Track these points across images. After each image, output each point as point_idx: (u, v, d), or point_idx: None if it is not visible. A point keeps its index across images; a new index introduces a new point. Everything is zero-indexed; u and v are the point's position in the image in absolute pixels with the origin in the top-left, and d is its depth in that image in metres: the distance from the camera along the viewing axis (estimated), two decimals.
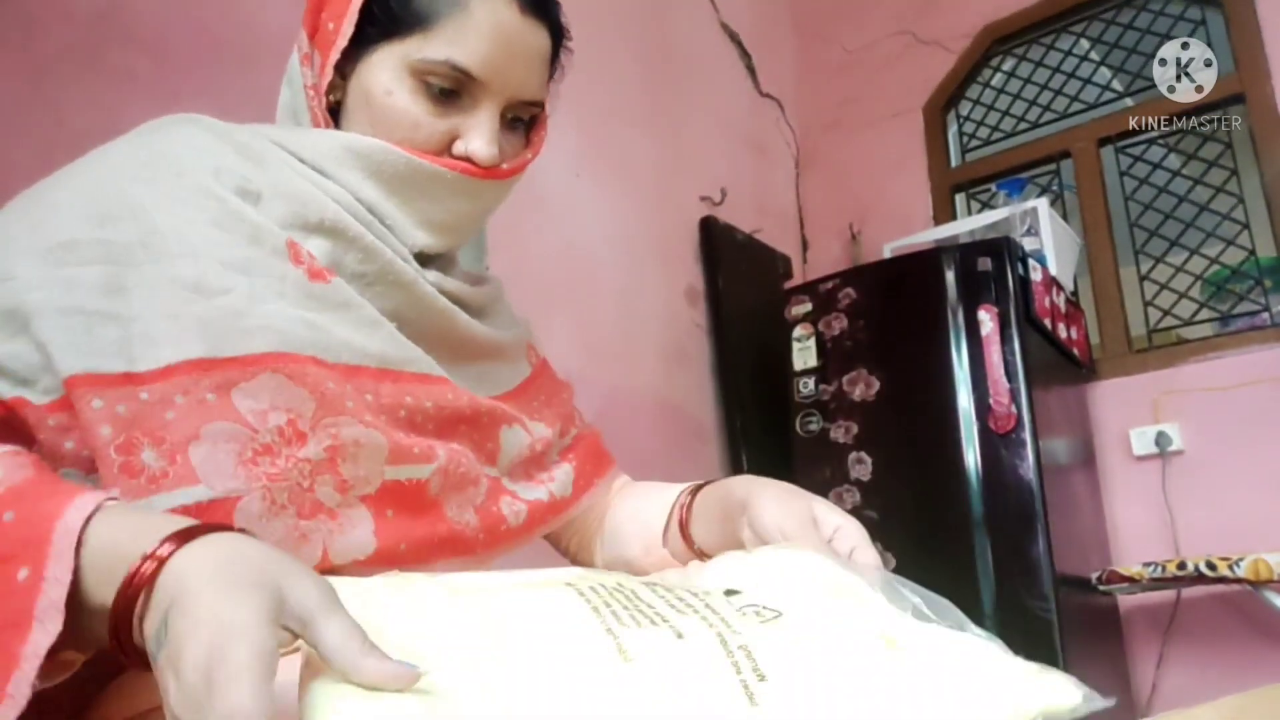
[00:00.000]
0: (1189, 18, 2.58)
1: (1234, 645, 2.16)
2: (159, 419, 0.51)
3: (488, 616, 0.42)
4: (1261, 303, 2.40)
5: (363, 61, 0.65)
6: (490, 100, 0.65)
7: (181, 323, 0.53)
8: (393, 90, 0.64)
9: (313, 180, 0.63)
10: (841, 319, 2.22)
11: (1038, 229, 2.41)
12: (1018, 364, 1.98)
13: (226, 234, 0.57)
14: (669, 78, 2.53)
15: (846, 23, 3.19)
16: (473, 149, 0.64)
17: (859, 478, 2.10)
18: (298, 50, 0.70)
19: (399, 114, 0.64)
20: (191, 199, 0.57)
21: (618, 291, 2.20)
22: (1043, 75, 2.82)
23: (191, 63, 1.35)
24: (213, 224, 0.57)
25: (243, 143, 0.62)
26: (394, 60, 0.63)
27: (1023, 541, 1.90)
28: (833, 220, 3.05)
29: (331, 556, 0.55)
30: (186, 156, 0.60)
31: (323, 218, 0.61)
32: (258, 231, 0.58)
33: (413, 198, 0.65)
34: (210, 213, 0.57)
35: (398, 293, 0.64)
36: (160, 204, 0.56)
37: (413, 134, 0.64)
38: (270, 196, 0.60)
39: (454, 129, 0.65)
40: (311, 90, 0.68)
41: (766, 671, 0.39)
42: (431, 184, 0.65)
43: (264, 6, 1.46)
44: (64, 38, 1.21)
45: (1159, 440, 2.30)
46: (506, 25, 0.64)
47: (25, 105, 1.15)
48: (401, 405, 0.61)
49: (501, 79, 0.64)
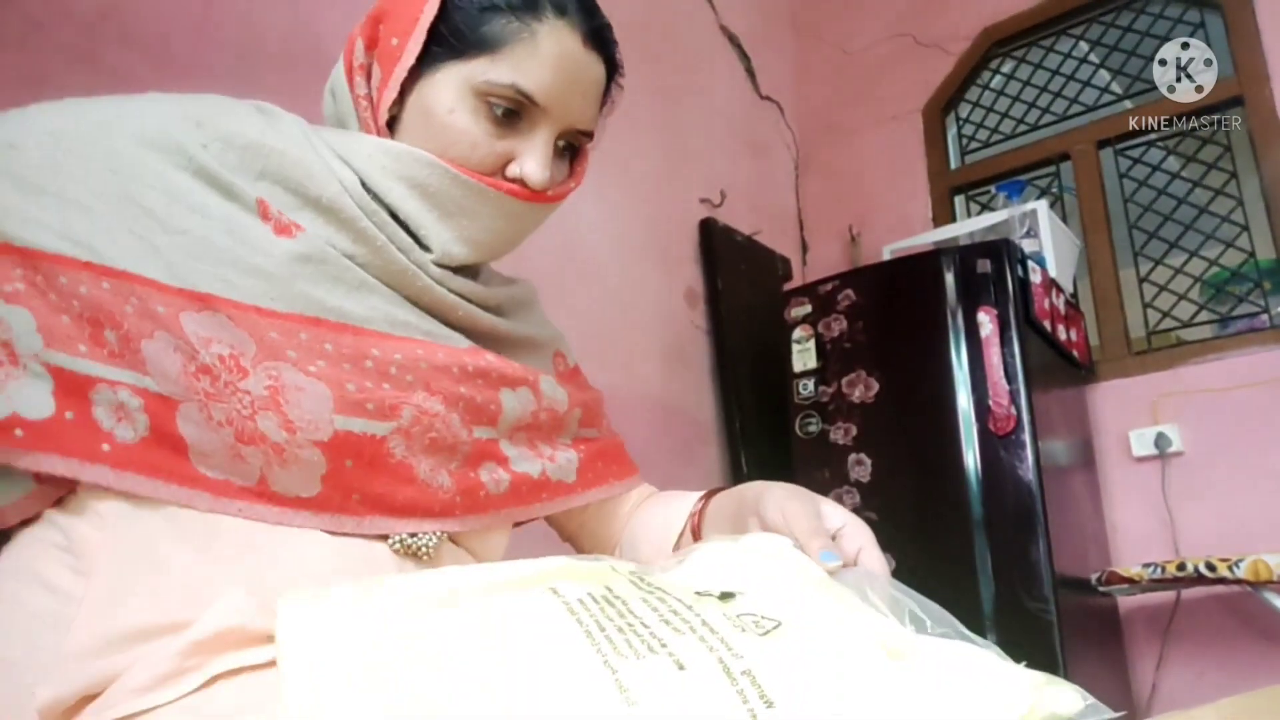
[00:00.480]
0: (1188, 20, 2.58)
1: (1234, 646, 2.16)
2: (119, 308, 0.54)
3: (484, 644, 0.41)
4: (1261, 305, 2.40)
5: (425, 79, 0.66)
6: (547, 126, 0.67)
7: (142, 244, 0.56)
8: (455, 109, 0.65)
9: (325, 159, 0.64)
10: (841, 320, 2.22)
11: (1037, 231, 2.41)
12: (1017, 366, 1.98)
13: (196, 182, 0.59)
14: (669, 80, 2.54)
15: (846, 25, 3.19)
16: (527, 171, 0.66)
17: (858, 479, 2.10)
18: (346, 60, 0.70)
19: (459, 132, 0.65)
20: (165, 148, 0.60)
21: (618, 292, 2.20)
22: (1042, 77, 2.83)
23: (191, 64, 1.35)
24: (183, 170, 0.59)
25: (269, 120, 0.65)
26: (458, 80, 0.65)
27: (1022, 543, 1.90)
28: (832, 222, 3.05)
29: (271, 484, 0.57)
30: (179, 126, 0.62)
31: (322, 194, 0.62)
32: (231, 187, 0.60)
33: (454, 213, 0.66)
34: (182, 163, 0.59)
35: (392, 279, 0.65)
36: (131, 147, 0.59)
37: (470, 153, 0.65)
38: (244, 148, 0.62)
39: (510, 151, 0.67)
40: (366, 101, 0.68)
41: (773, 697, 0.38)
42: (477, 201, 0.66)
43: (263, 8, 1.46)
44: (64, 38, 1.21)
45: (1158, 442, 2.30)
46: (570, 56, 0.66)
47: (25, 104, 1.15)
48: (367, 356, 0.61)
49: (562, 107, 0.66)
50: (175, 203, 0.58)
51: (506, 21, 0.64)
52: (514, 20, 0.64)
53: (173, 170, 0.59)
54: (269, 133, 0.63)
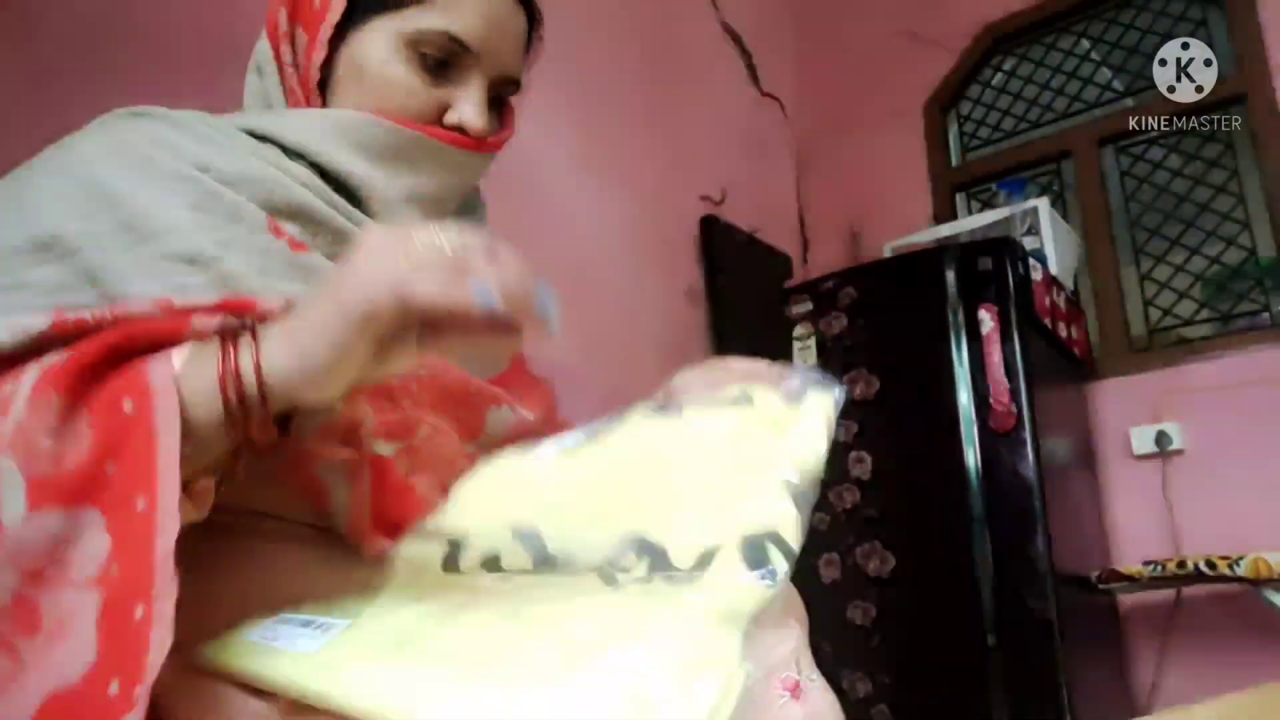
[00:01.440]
0: (1190, 17, 2.58)
1: (1233, 644, 2.16)
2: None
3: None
4: (1262, 302, 2.40)
5: (353, 36, 0.66)
6: (479, 73, 0.67)
7: (189, 293, 0.54)
8: (388, 60, 0.65)
9: (278, 164, 0.63)
10: (841, 318, 2.22)
11: (1038, 228, 2.41)
12: (1018, 363, 1.98)
13: (207, 215, 0.58)
14: (669, 77, 2.53)
15: (847, 22, 3.19)
16: (465, 118, 0.67)
17: (859, 476, 2.10)
18: (270, 33, 0.70)
19: (395, 83, 0.65)
20: (167, 184, 0.58)
21: (618, 291, 2.20)
22: (1043, 75, 2.82)
23: (192, 62, 1.35)
24: (192, 207, 0.57)
25: (203, 133, 0.62)
26: (389, 32, 0.65)
27: (1022, 540, 1.90)
28: (833, 220, 3.04)
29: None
30: (153, 145, 0.60)
31: (289, 200, 0.62)
32: (238, 209, 0.59)
33: (401, 170, 0.66)
34: (188, 196, 0.58)
35: None
36: (138, 189, 0.57)
37: (407, 101, 0.66)
38: (237, 183, 0.61)
39: (445, 99, 0.67)
40: (292, 69, 0.69)
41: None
42: (421, 154, 0.66)
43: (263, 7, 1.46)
44: (65, 36, 1.21)
45: (1159, 439, 2.30)
46: (496, 3, 0.67)
47: (25, 103, 1.15)
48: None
49: (493, 53, 0.67)
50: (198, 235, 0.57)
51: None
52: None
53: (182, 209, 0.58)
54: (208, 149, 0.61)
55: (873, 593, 2.01)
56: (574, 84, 2.10)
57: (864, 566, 2.04)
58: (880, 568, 2.02)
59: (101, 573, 0.43)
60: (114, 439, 0.45)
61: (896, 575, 2.00)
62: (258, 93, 0.72)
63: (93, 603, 0.43)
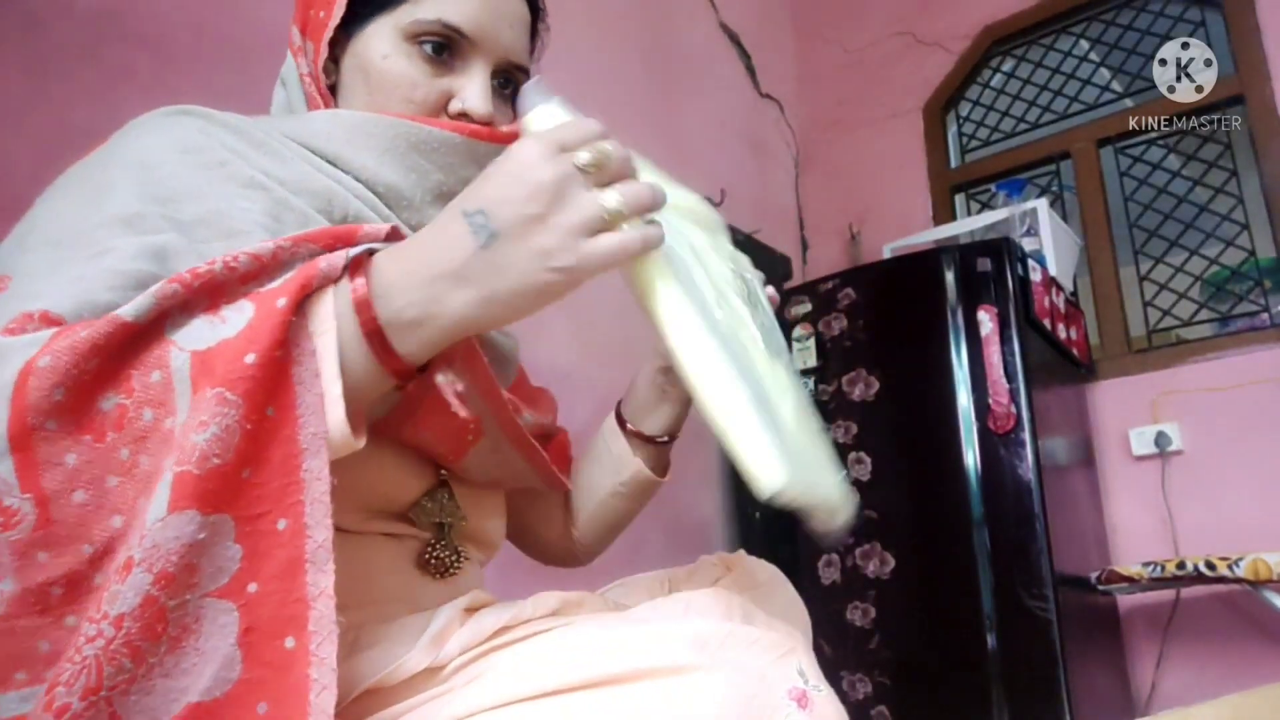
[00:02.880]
0: (1189, 19, 2.58)
1: (1233, 645, 2.16)
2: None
3: None
4: (1261, 303, 2.40)
5: (356, 38, 0.67)
6: (481, 59, 0.68)
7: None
8: (389, 54, 0.66)
9: (331, 175, 0.63)
10: (841, 319, 2.22)
11: (1037, 229, 2.41)
12: (1017, 364, 1.98)
13: (280, 224, 0.58)
14: (669, 78, 2.53)
15: (846, 23, 3.19)
16: (469, 105, 0.67)
17: (858, 478, 2.10)
18: (291, 48, 0.72)
19: (397, 76, 0.66)
20: (240, 190, 0.57)
21: (617, 291, 2.19)
22: (1042, 76, 2.83)
23: (191, 60, 1.35)
24: (266, 213, 0.57)
25: (259, 139, 0.62)
26: (388, 29, 0.66)
27: (1022, 541, 1.90)
28: (832, 220, 3.05)
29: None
30: (223, 148, 0.59)
31: (347, 212, 0.62)
32: (306, 220, 0.59)
33: (427, 170, 0.66)
34: (261, 202, 0.58)
35: None
36: (215, 189, 0.57)
37: (411, 93, 0.66)
38: (295, 190, 0.61)
39: (449, 88, 0.67)
40: (308, 78, 0.69)
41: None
42: (442, 151, 0.66)
43: (263, 4, 1.46)
44: (64, 34, 1.21)
45: (1158, 440, 2.30)
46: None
47: (26, 101, 1.15)
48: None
49: (492, 38, 0.67)
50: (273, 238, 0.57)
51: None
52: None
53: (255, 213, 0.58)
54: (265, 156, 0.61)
55: (872, 594, 2.01)
56: (573, 84, 2.09)
57: (863, 567, 2.04)
58: (880, 568, 2.02)
59: (235, 585, 0.43)
60: (256, 446, 0.45)
61: (896, 576, 2.00)
62: (283, 105, 0.73)
63: (230, 619, 0.43)
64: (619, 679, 0.46)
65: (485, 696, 0.48)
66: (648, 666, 0.46)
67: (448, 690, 0.50)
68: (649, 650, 0.47)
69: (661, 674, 0.46)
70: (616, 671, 0.46)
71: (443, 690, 0.50)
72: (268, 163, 0.61)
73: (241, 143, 0.61)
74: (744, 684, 0.45)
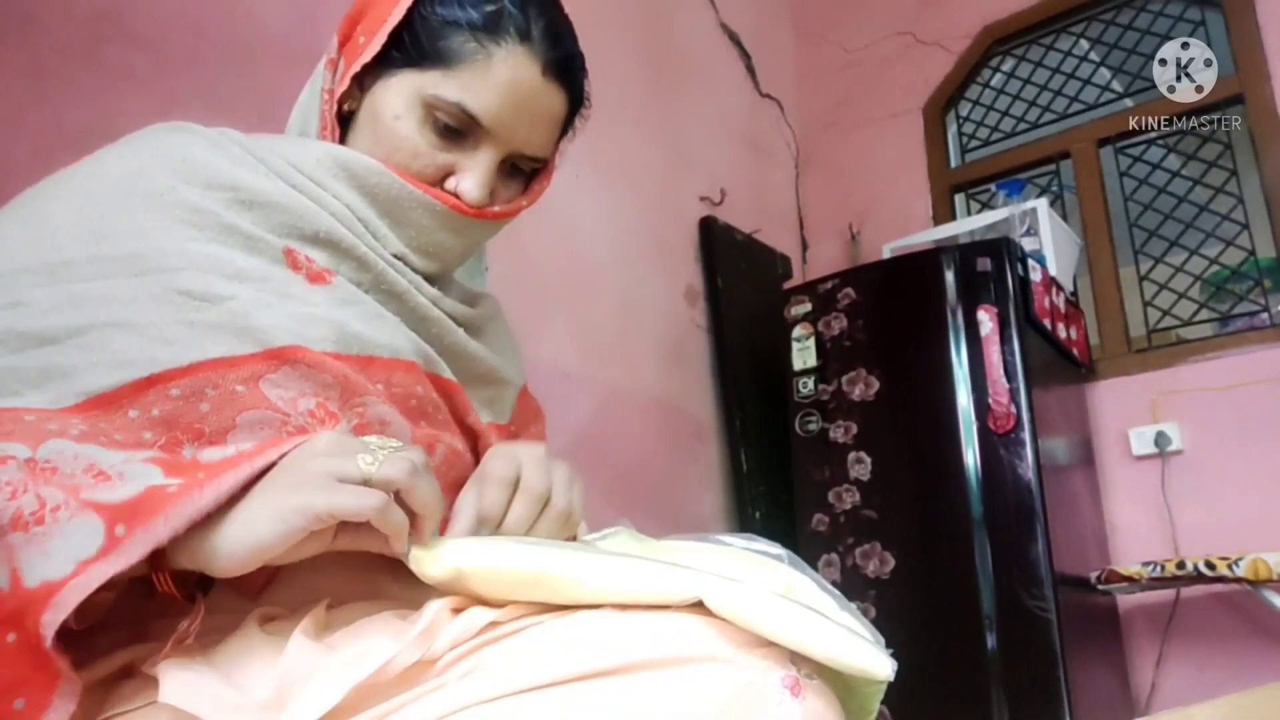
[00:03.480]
0: (1188, 18, 2.58)
1: (1233, 645, 2.16)
2: (195, 413, 0.53)
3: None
4: (1261, 303, 2.40)
5: (381, 81, 0.67)
6: (492, 147, 0.67)
7: (197, 328, 0.55)
8: (401, 116, 0.65)
9: (308, 191, 0.63)
10: (841, 319, 2.22)
11: (1037, 229, 2.41)
12: (1017, 364, 1.98)
13: (225, 249, 0.58)
14: (669, 78, 2.53)
15: (846, 23, 3.19)
16: (463, 189, 0.66)
17: (858, 477, 2.10)
18: (326, 55, 0.71)
19: (401, 140, 0.65)
20: (187, 216, 0.58)
21: (617, 291, 2.20)
22: (1042, 76, 2.83)
23: (189, 62, 1.35)
24: (211, 241, 0.58)
25: (235, 155, 0.62)
26: (409, 88, 0.65)
27: (1022, 541, 1.90)
28: (832, 220, 3.05)
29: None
30: (180, 168, 0.60)
31: (318, 229, 0.62)
32: (254, 242, 0.59)
33: (400, 221, 0.66)
34: (206, 230, 0.58)
35: (392, 302, 0.65)
36: (157, 222, 0.57)
37: (410, 161, 0.66)
38: (265, 205, 0.61)
39: (451, 164, 0.67)
40: (326, 94, 0.69)
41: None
42: (419, 212, 0.66)
43: (262, 6, 1.46)
44: (63, 36, 1.21)
45: (1158, 440, 2.30)
46: (524, 84, 0.66)
47: (24, 103, 1.15)
48: (412, 395, 0.63)
49: (507, 131, 0.66)
50: (211, 274, 0.57)
51: (465, 39, 0.64)
52: (472, 40, 0.64)
53: (198, 242, 0.58)
54: (240, 170, 0.62)
55: (872, 594, 2.01)
56: None
57: (863, 567, 2.04)
58: (880, 568, 2.02)
59: None
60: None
61: (896, 576, 2.00)
62: (303, 106, 0.73)
63: None
64: (612, 671, 0.46)
65: (479, 690, 0.48)
66: (641, 659, 0.46)
67: (441, 685, 0.50)
68: (642, 642, 0.47)
69: (655, 665, 0.46)
70: (610, 664, 0.46)
71: (436, 685, 0.50)
72: (237, 175, 0.61)
73: (216, 155, 0.61)
74: (736, 673, 0.45)
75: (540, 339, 1.88)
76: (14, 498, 0.45)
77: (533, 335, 0.80)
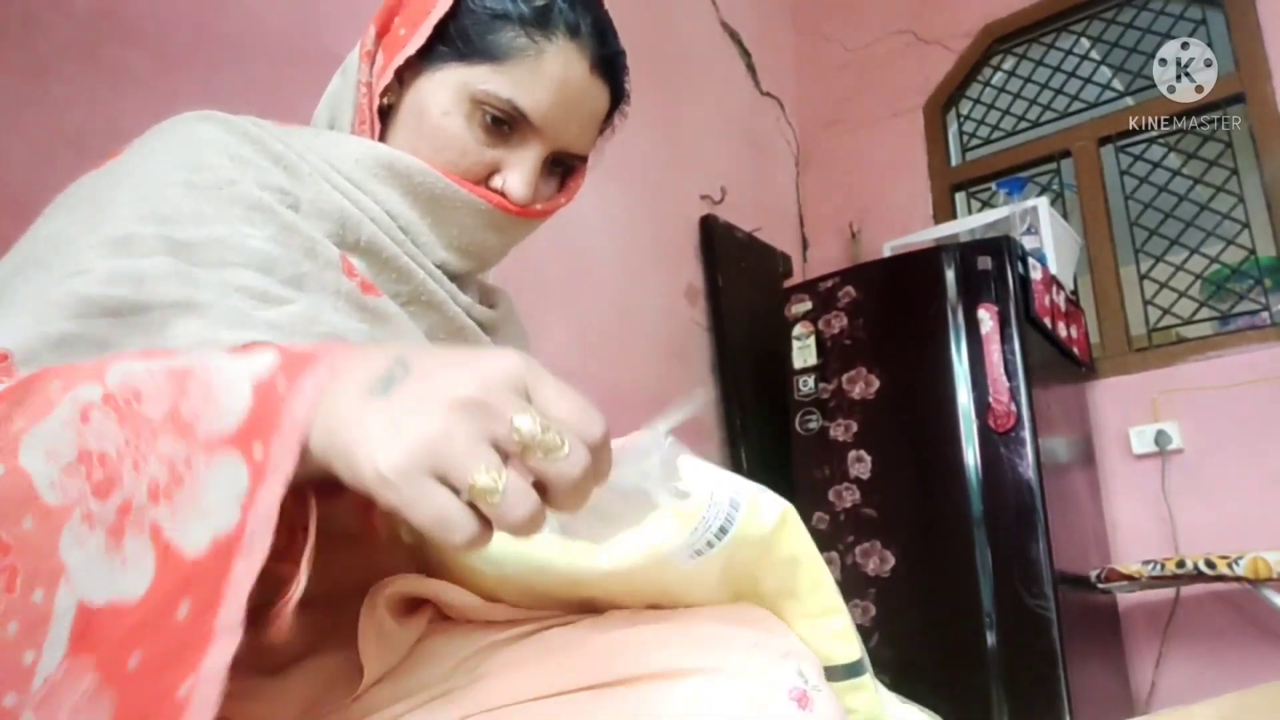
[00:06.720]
0: (1189, 17, 2.58)
1: (1233, 643, 2.16)
2: None
3: None
4: (1261, 302, 2.40)
5: (425, 75, 0.66)
6: (538, 144, 0.66)
7: (253, 323, 0.53)
8: (450, 111, 0.64)
9: (350, 196, 0.63)
10: (841, 317, 2.22)
11: (1038, 228, 2.41)
12: (1017, 363, 1.98)
13: (284, 249, 0.57)
14: (669, 76, 2.53)
15: (847, 21, 3.19)
16: (510, 185, 0.66)
17: (858, 476, 2.10)
18: (360, 45, 0.70)
19: (450, 136, 0.64)
20: (245, 214, 0.57)
21: (617, 290, 2.20)
22: (1043, 74, 2.82)
23: (190, 60, 1.35)
24: (270, 240, 0.57)
25: (278, 152, 0.61)
26: (457, 83, 0.64)
27: (1022, 540, 1.90)
28: (833, 219, 3.05)
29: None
30: (229, 165, 0.58)
31: (359, 237, 0.62)
32: (313, 245, 0.58)
33: (443, 220, 0.66)
34: (265, 229, 0.57)
35: (430, 313, 0.65)
36: (219, 213, 0.56)
37: (459, 159, 0.65)
38: (308, 211, 0.60)
39: (497, 161, 0.66)
40: (365, 87, 0.68)
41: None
42: (464, 211, 0.65)
43: (261, 4, 1.46)
44: (63, 34, 1.21)
45: (1158, 439, 2.30)
46: (574, 81, 0.65)
47: (25, 101, 1.15)
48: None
49: (555, 129, 0.66)
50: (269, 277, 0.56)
51: (515, 34, 0.63)
52: (522, 35, 0.63)
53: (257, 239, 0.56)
54: (282, 174, 0.60)
55: (872, 592, 2.02)
56: None
57: (863, 566, 2.04)
58: (880, 567, 2.02)
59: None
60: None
61: (896, 574, 2.00)
62: (334, 94, 0.71)
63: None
64: (619, 682, 0.46)
65: (487, 697, 0.48)
66: (648, 670, 0.46)
67: (449, 690, 0.50)
68: (650, 653, 0.47)
69: (662, 677, 0.46)
70: (617, 675, 0.46)
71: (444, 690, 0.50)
72: (282, 178, 0.60)
73: (258, 154, 0.60)
74: (744, 686, 0.45)
75: (540, 337, 1.88)
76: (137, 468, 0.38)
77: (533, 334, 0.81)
